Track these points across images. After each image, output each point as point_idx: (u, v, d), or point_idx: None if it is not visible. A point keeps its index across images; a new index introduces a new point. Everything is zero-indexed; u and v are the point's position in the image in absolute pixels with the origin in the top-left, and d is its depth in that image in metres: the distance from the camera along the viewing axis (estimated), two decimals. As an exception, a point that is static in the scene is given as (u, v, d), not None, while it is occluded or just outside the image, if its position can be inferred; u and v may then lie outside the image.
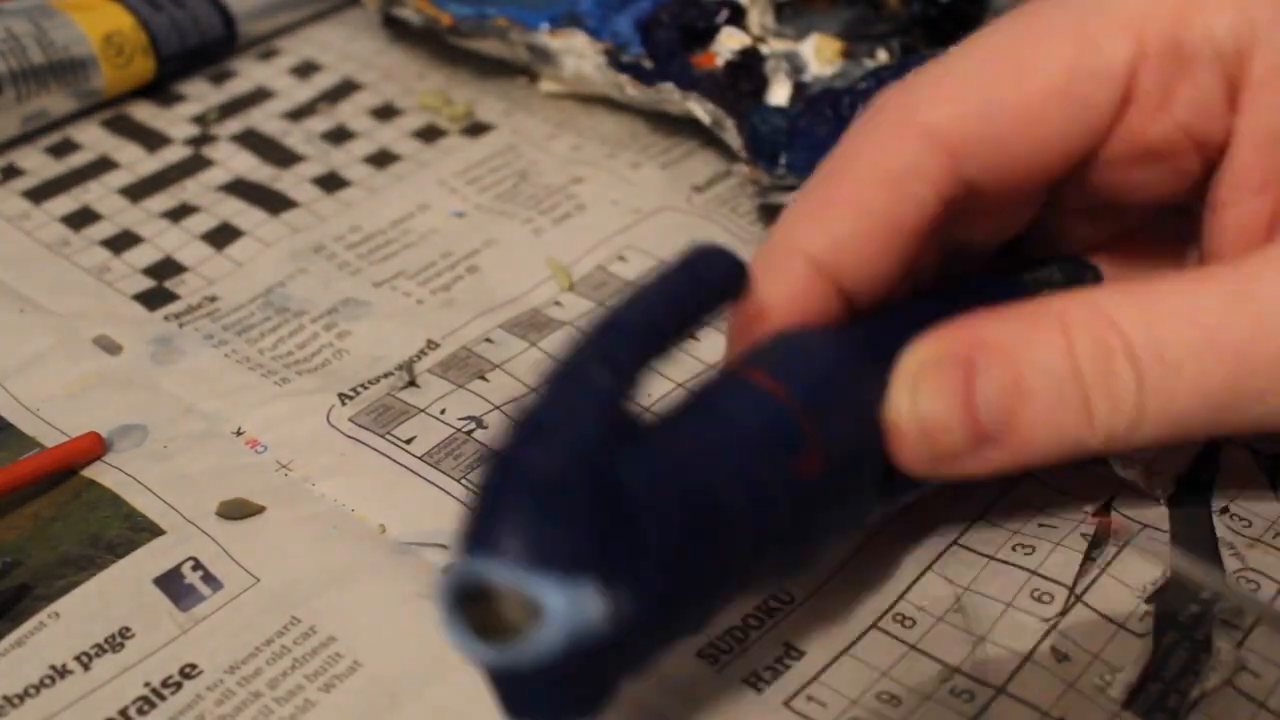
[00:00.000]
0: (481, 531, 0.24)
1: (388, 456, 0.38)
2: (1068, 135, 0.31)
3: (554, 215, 0.47)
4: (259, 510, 0.36)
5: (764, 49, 0.49)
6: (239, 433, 0.39)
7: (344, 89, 0.53)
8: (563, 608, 0.23)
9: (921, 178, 0.31)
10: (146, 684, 0.32)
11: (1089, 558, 0.34)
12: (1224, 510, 0.35)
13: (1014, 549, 0.34)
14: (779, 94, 0.48)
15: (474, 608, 0.24)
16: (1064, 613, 0.33)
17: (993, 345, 0.28)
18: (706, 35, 0.49)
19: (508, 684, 0.25)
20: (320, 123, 0.52)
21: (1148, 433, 0.28)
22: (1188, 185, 0.33)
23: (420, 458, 0.38)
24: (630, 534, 0.24)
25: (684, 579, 0.26)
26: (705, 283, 0.28)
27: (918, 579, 0.34)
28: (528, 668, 0.24)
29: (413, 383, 0.40)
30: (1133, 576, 0.34)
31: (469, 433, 0.38)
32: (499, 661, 0.24)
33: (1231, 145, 0.31)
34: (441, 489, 0.37)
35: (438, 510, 0.36)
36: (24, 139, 0.50)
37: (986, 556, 0.34)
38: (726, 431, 0.27)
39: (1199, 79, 0.31)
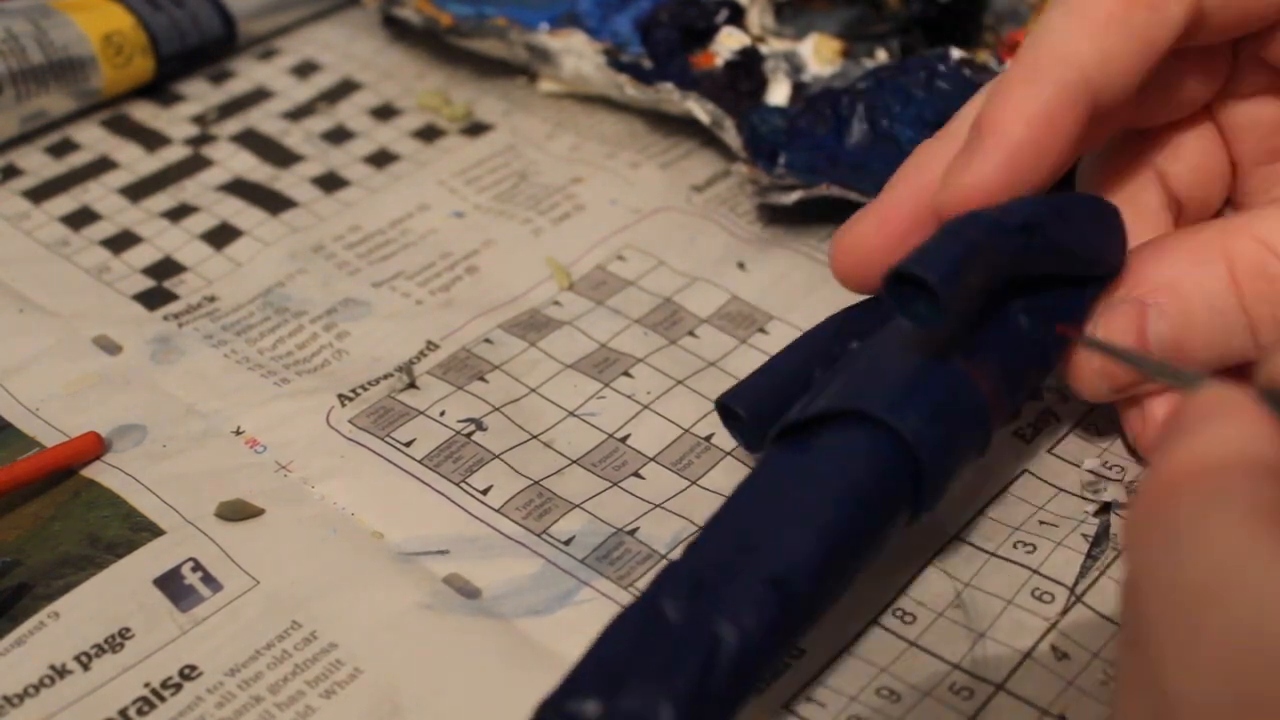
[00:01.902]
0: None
1: (387, 460, 0.38)
2: None
3: (553, 215, 0.47)
4: (258, 512, 0.36)
5: (763, 49, 0.49)
6: (238, 432, 0.39)
7: (343, 89, 0.53)
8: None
9: None
10: (146, 684, 0.32)
11: (1090, 556, 0.34)
12: None
13: (1015, 546, 0.34)
14: (778, 94, 0.48)
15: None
16: (1064, 612, 0.33)
17: (1163, 285, 0.31)
18: (706, 35, 0.49)
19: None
20: (319, 122, 0.52)
21: None
22: None
23: (420, 461, 0.37)
24: None
25: None
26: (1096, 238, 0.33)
27: (919, 573, 0.34)
28: None
29: (412, 384, 0.40)
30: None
31: (469, 435, 0.38)
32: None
33: None
34: (441, 494, 0.37)
35: (438, 516, 0.36)
36: (24, 139, 0.50)
37: (988, 553, 0.34)
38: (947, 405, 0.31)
39: None
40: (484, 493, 0.37)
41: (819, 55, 0.49)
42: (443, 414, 0.39)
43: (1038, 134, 0.31)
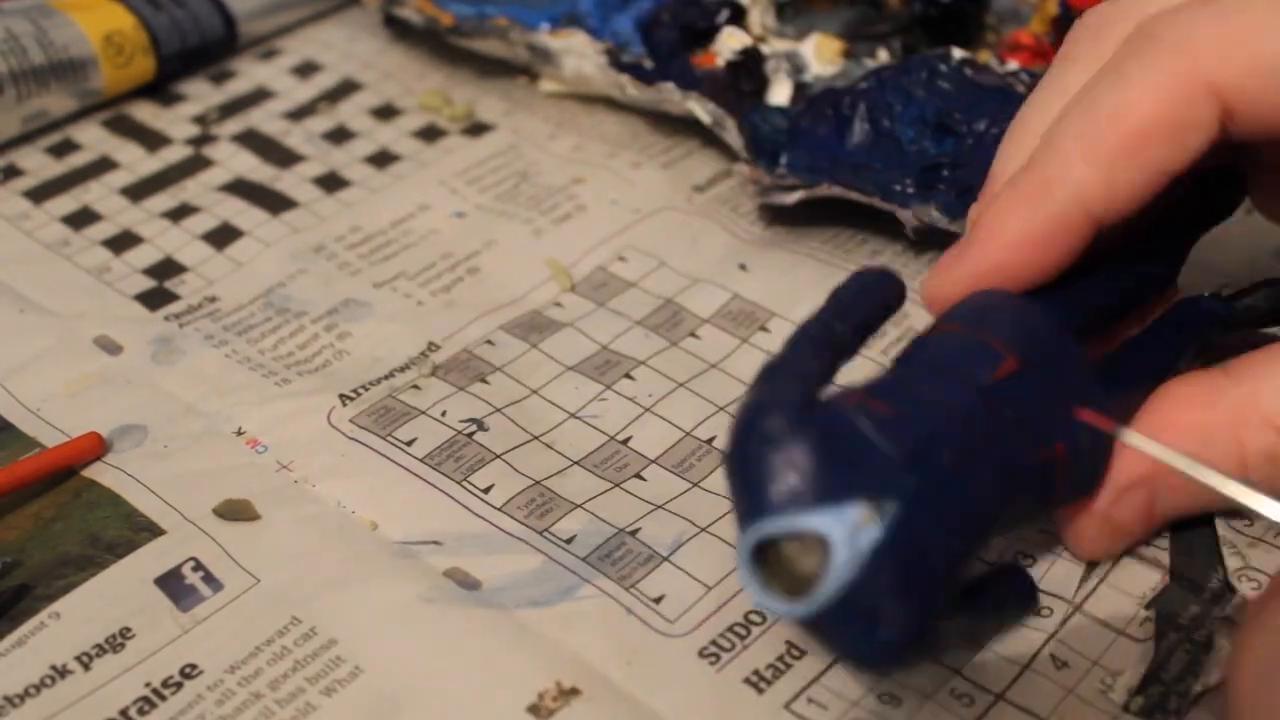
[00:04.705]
0: (748, 502, 0.27)
1: (388, 458, 0.38)
2: None
3: (554, 215, 0.47)
4: (259, 512, 0.36)
5: (765, 49, 0.49)
6: (239, 432, 0.39)
7: (344, 89, 0.53)
8: (838, 530, 0.27)
9: (1199, 130, 0.31)
10: (147, 684, 0.32)
11: (1090, 563, 0.34)
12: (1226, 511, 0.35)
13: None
14: (780, 94, 0.48)
15: (774, 578, 0.27)
16: (1064, 622, 0.33)
17: (1174, 476, 0.31)
18: (707, 35, 0.49)
19: (840, 633, 0.28)
20: (321, 123, 0.52)
21: None
22: None
23: (421, 460, 0.38)
24: (870, 454, 0.28)
25: (938, 482, 0.28)
26: (874, 296, 0.31)
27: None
28: (841, 600, 0.27)
29: (433, 373, 0.40)
30: (1132, 583, 0.33)
31: (470, 435, 0.38)
32: (816, 604, 0.27)
33: None
34: (442, 491, 0.37)
35: (439, 514, 0.36)
36: (24, 139, 0.50)
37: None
38: (933, 363, 0.30)
39: None
40: (485, 491, 0.37)
41: (820, 55, 0.49)
42: (444, 414, 0.39)
43: (1021, 256, 0.32)
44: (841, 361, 0.30)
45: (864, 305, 0.31)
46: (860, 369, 0.32)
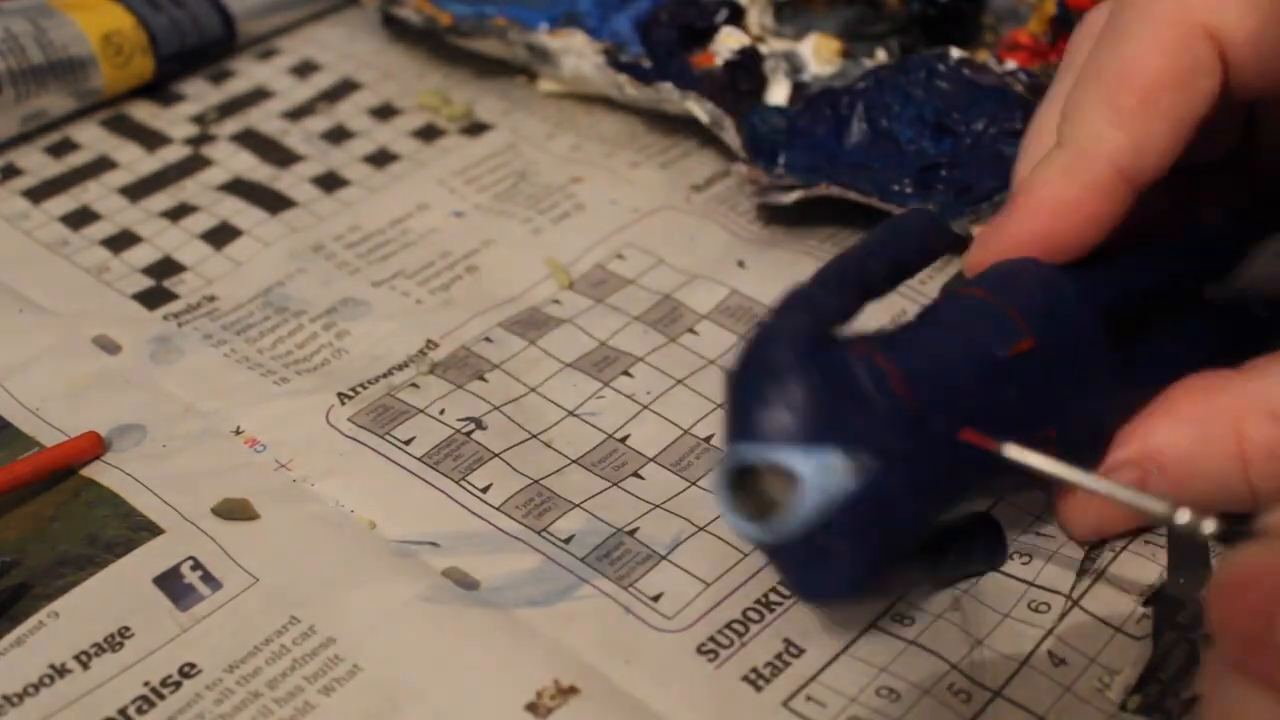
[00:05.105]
0: (736, 424, 0.28)
1: (387, 457, 0.38)
2: None
3: (553, 215, 0.47)
4: (258, 511, 0.36)
5: (763, 48, 0.49)
6: (238, 432, 0.39)
7: (343, 88, 0.53)
8: (812, 472, 0.27)
9: (1206, 74, 0.31)
10: (146, 683, 0.32)
11: (1088, 558, 0.34)
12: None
13: (1011, 557, 0.34)
14: (778, 93, 0.48)
15: (747, 498, 0.28)
16: (1061, 618, 0.33)
17: (1167, 460, 0.31)
18: (705, 35, 0.49)
19: (792, 563, 0.29)
20: (319, 122, 0.52)
21: None
22: None
23: (419, 459, 0.38)
24: (863, 408, 0.28)
25: (925, 445, 0.29)
26: (914, 238, 0.32)
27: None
28: (800, 535, 0.28)
29: (431, 371, 0.40)
30: (1130, 580, 0.34)
31: (468, 433, 0.38)
32: (776, 533, 0.28)
33: None
34: (441, 490, 0.37)
35: (437, 512, 0.36)
36: (23, 139, 0.50)
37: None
38: (951, 325, 0.31)
39: None
40: (484, 490, 0.37)
41: (818, 55, 0.49)
42: (442, 412, 0.39)
43: (1060, 224, 0.32)
44: (869, 299, 0.30)
45: (903, 246, 0.31)
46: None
